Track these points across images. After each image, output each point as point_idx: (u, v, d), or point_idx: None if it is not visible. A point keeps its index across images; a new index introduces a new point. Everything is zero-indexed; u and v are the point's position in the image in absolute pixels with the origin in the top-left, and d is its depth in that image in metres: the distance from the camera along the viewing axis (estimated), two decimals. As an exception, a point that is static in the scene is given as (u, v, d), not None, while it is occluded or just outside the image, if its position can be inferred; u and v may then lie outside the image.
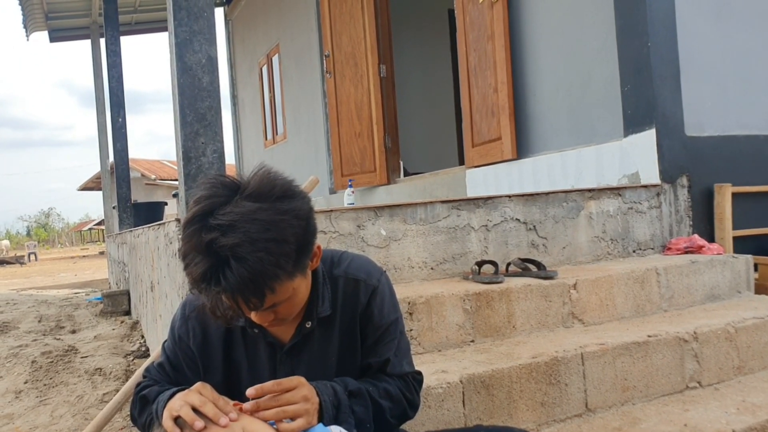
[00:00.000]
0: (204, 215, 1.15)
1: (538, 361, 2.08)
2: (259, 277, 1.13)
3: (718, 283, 2.94)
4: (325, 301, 1.40)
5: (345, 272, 1.44)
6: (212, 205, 1.16)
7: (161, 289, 3.38)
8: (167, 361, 1.47)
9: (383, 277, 1.47)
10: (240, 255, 1.11)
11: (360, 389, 1.37)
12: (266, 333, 1.41)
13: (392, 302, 1.48)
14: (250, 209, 1.14)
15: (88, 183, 28.90)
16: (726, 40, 3.64)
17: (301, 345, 1.41)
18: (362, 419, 1.36)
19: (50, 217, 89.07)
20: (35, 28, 10.22)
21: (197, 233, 1.14)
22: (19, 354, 4.80)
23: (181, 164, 2.37)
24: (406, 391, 1.46)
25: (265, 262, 1.12)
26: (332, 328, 1.43)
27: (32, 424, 3.26)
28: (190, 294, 1.43)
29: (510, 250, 2.96)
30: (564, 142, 4.06)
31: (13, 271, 21.36)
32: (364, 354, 1.45)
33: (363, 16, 6.20)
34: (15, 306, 8.29)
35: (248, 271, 1.12)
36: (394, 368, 1.46)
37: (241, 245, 1.11)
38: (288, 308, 1.28)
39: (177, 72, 2.36)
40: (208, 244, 1.12)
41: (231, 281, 1.12)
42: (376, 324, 1.43)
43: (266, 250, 1.13)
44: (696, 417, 2.06)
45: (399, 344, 1.48)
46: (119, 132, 8.45)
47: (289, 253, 1.17)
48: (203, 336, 1.42)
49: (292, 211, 1.19)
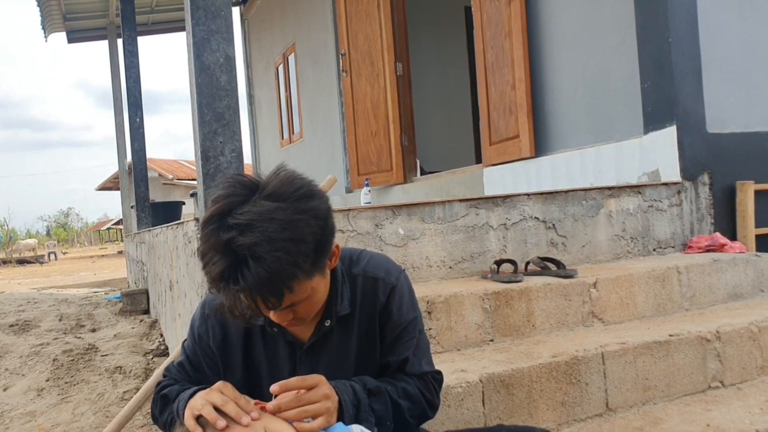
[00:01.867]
0: (222, 214, 1.15)
1: (558, 361, 2.06)
2: (278, 277, 1.13)
3: (740, 282, 2.90)
4: (344, 300, 1.40)
5: (364, 271, 1.44)
6: (230, 204, 1.16)
7: (180, 288, 3.40)
8: (187, 360, 1.47)
9: (402, 276, 1.47)
10: (258, 254, 1.11)
11: (379, 387, 1.36)
12: (285, 332, 1.40)
13: (411, 301, 1.47)
14: (268, 209, 1.14)
15: (107, 183, 29.15)
16: (748, 35, 3.58)
17: (320, 344, 1.41)
18: (382, 417, 1.35)
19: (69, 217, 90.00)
20: (53, 30, 10.32)
21: (215, 232, 1.14)
22: (41, 352, 4.85)
23: (200, 164, 2.38)
24: (425, 391, 1.45)
25: (283, 261, 1.12)
26: (351, 326, 1.42)
27: (54, 421, 3.29)
28: (209, 293, 1.42)
29: (529, 248, 2.94)
30: (583, 140, 4.03)
31: (33, 271, 21.63)
32: (382, 353, 1.44)
33: (379, 15, 6.19)
34: (36, 305, 8.39)
35: (266, 270, 1.11)
36: (413, 367, 1.45)
37: (259, 244, 1.11)
38: (307, 308, 1.28)
39: (195, 71, 2.37)
40: (226, 243, 1.12)
41: (249, 281, 1.12)
42: (394, 322, 1.43)
43: (284, 250, 1.12)
44: (719, 417, 2.03)
45: (418, 343, 1.47)
46: (137, 132, 8.52)
47: (308, 252, 1.17)
48: (223, 335, 1.42)
49: (311, 211, 1.18)
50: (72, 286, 12.19)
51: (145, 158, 8.61)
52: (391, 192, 6.42)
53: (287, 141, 9.96)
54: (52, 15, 9.80)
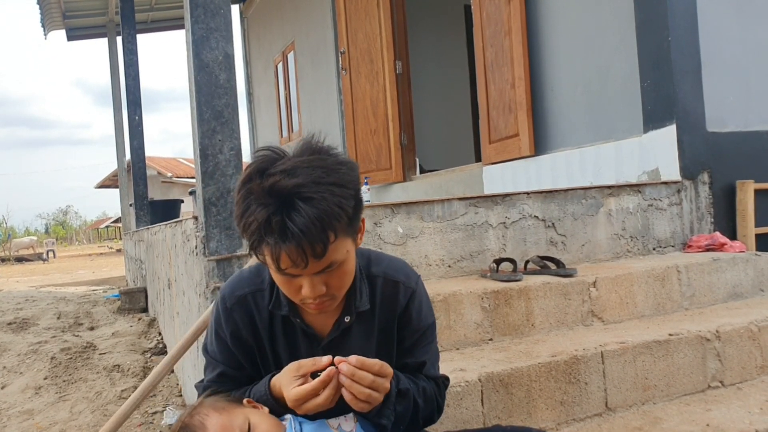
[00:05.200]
0: (261, 170, 1.16)
1: (558, 360, 2.06)
2: (326, 216, 1.13)
3: (740, 281, 2.90)
4: (363, 296, 1.40)
5: (384, 273, 1.43)
6: (267, 160, 1.18)
7: (178, 286, 3.39)
8: (224, 365, 1.43)
9: (420, 281, 1.48)
10: (305, 195, 1.12)
11: (408, 390, 1.36)
12: (306, 326, 1.39)
13: (429, 306, 1.48)
14: (308, 159, 1.17)
15: (105, 181, 29.13)
16: (748, 34, 3.57)
17: (339, 340, 1.41)
18: (400, 419, 1.35)
19: (68, 215, 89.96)
20: (53, 27, 10.30)
21: (257, 185, 1.14)
22: (39, 350, 4.84)
23: (199, 162, 2.37)
24: (437, 394, 1.46)
25: (329, 201, 1.13)
26: (371, 326, 1.42)
27: (52, 419, 3.29)
28: (224, 288, 1.43)
29: (528, 247, 2.94)
30: (582, 139, 4.02)
31: (32, 269, 21.62)
32: (399, 355, 1.44)
33: (379, 13, 6.17)
34: (34, 303, 8.38)
35: (315, 209, 1.11)
36: (428, 371, 1.46)
37: (305, 185, 1.13)
38: (339, 279, 1.26)
39: (194, 69, 2.36)
40: (270, 188, 1.13)
41: (298, 223, 1.11)
42: (414, 327, 1.43)
43: (330, 191, 1.14)
44: (718, 417, 2.03)
45: (434, 348, 1.49)
46: (136, 130, 8.49)
47: (349, 198, 1.18)
48: (251, 323, 1.40)
49: (347, 164, 1.22)
50: (70, 284, 12.18)
51: (143, 156, 8.59)
52: (391, 190, 6.42)
53: (286, 139, 9.95)
54: (51, 13, 9.78)
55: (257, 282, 1.41)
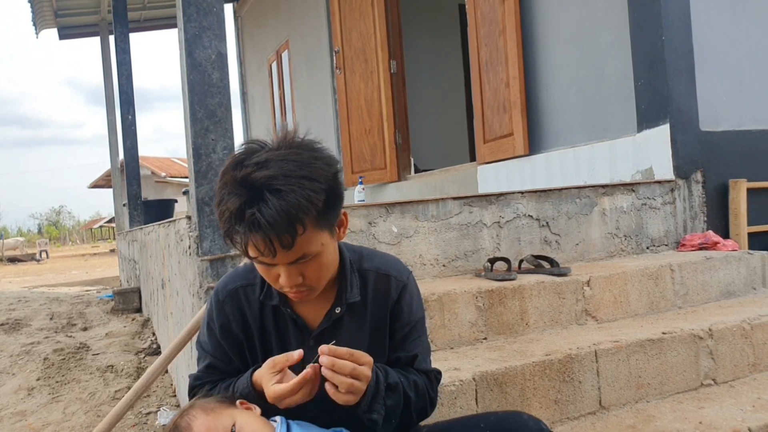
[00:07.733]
0: (239, 161, 1.21)
1: (552, 359, 2.06)
2: (292, 209, 1.16)
3: (733, 280, 2.91)
4: (354, 288, 1.42)
5: (376, 267, 1.46)
6: (247, 151, 1.23)
7: (172, 286, 3.38)
8: (214, 358, 1.46)
9: (411, 276, 1.50)
10: (274, 187, 1.16)
11: (397, 384, 1.37)
12: (296, 316, 1.41)
13: (419, 301, 1.51)
14: (283, 153, 1.22)
15: (99, 181, 29.05)
16: (742, 33, 3.59)
17: (330, 331, 1.41)
18: (391, 413, 1.35)
19: (61, 215, 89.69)
20: (45, 26, 10.25)
21: (233, 174, 1.19)
22: (32, 351, 4.82)
23: (192, 161, 2.36)
24: (429, 388, 1.47)
25: (298, 194, 1.16)
26: (363, 319, 1.43)
27: (45, 420, 3.27)
28: (218, 283, 1.47)
29: (522, 246, 2.94)
30: (577, 138, 4.03)
31: (25, 269, 21.52)
32: (391, 349, 1.46)
33: (373, 12, 6.17)
34: (27, 303, 8.35)
35: (282, 202, 1.15)
36: (420, 365, 1.47)
37: (275, 177, 1.16)
38: (316, 271, 1.28)
39: (187, 68, 2.35)
40: (243, 178, 1.17)
41: (265, 214, 1.15)
42: (405, 320, 1.45)
43: (299, 185, 1.17)
44: (711, 414, 2.04)
45: (425, 342, 1.50)
46: (129, 129, 8.47)
47: (320, 192, 1.20)
48: (242, 317, 1.43)
49: (324, 159, 1.25)
50: (64, 285, 12.14)
51: (137, 156, 8.56)
52: (385, 190, 6.42)
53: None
54: (43, 11, 9.74)
55: (250, 277, 1.44)
